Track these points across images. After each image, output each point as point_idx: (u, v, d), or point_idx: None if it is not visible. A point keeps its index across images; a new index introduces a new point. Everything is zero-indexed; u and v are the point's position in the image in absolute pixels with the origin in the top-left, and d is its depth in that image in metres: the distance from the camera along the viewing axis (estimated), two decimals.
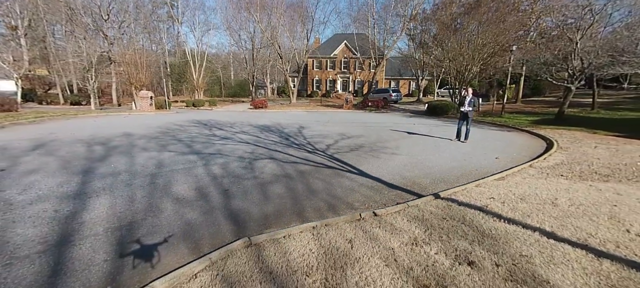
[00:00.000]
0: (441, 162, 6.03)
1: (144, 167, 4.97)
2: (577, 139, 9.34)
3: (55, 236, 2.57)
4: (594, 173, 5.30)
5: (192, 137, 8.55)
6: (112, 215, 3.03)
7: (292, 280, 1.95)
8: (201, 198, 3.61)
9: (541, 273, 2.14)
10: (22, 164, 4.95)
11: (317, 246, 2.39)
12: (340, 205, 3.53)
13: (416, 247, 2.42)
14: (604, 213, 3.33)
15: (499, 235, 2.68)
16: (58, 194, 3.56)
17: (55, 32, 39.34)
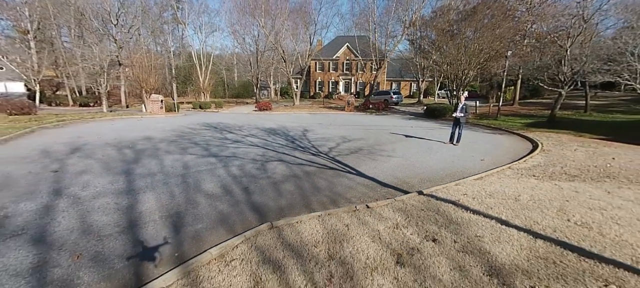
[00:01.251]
0: (431, 164, 6.81)
1: (173, 168, 5.81)
2: (562, 142, 10.05)
3: (124, 222, 3.41)
4: (564, 174, 6.06)
5: (207, 140, 9.40)
6: (161, 207, 3.86)
7: (304, 249, 2.76)
8: (227, 194, 4.43)
9: (487, 248, 2.92)
10: (70, 166, 5.81)
11: (322, 228, 3.20)
12: (340, 199, 4.34)
13: (397, 230, 3.22)
14: (555, 206, 4.10)
15: (462, 222, 3.47)
16: (112, 191, 4.40)
17: (62, 35, 40.46)
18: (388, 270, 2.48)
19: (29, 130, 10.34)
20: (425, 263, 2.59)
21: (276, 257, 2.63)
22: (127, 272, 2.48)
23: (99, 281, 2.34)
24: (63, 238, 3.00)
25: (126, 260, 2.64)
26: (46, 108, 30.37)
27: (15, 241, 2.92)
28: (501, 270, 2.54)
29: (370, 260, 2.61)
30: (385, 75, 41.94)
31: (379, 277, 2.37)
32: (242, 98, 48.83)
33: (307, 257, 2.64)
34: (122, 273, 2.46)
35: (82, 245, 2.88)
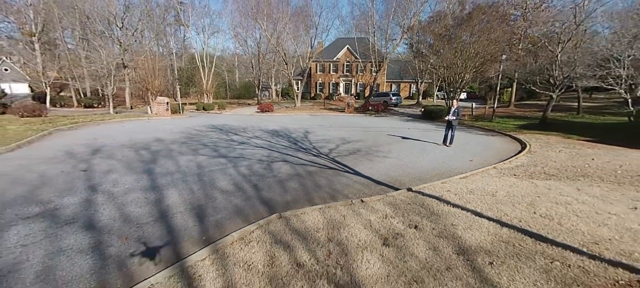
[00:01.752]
0: (423, 164, 7.42)
1: (188, 168, 6.43)
2: (549, 144, 10.64)
3: (156, 213, 4.03)
4: (543, 173, 6.65)
5: (214, 142, 10.03)
6: (184, 201, 4.48)
7: (308, 234, 3.37)
8: (239, 191, 5.05)
9: (459, 233, 3.52)
10: (95, 166, 6.44)
11: (322, 218, 3.81)
12: (338, 195, 4.95)
13: (385, 219, 3.83)
14: (526, 201, 4.70)
15: (442, 213, 4.07)
16: (139, 187, 5.02)
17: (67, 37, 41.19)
18: (375, 249, 3.09)
19: (47, 133, 10.98)
20: (406, 245, 3.20)
21: (285, 239, 3.24)
22: (166, 250, 3.10)
23: (141, 265, 2.96)
24: (109, 225, 3.62)
25: (164, 242, 3.26)
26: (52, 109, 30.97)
27: (71, 227, 3.54)
28: (468, 250, 3.15)
29: (361, 242, 3.22)
30: (385, 77, 42.54)
31: (368, 254, 2.98)
32: (244, 99, 49.51)
33: (310, 239, 3.26)
34: (163, 252, 3.07)
35: (126, 230, 3.50)
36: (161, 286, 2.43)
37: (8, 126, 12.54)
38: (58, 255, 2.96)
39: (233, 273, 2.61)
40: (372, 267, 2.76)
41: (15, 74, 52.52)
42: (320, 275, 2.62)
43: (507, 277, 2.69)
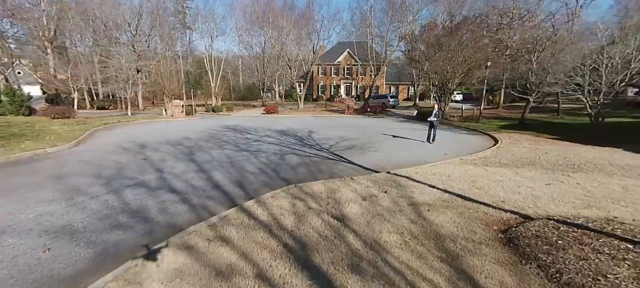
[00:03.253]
0: (405, 156, 9.25)
1: (220, 158, 8.32)
2: (518, 141, 12.43)
3: (211, 185, 5.90)
4: (497, 163, 8.45)
5: (233, 139, 11.93)
6: (227, 178, 6.36)
7: (314, 194, 5.23)
8: (263, 173, 6.92)
9: (414, 196, 5.36)
10: (150, 156, 8.34)
11: (324, 187, 5.67)
12: (335, 176, 6.80)
13: (366, 188, 5.68)
14: (470, 180, 6.52)
15: (406, 185, 5.91)
16: (192, 170, 6.91)
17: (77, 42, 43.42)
18: (357, 202, 4.94)
19: (89, 133, 12.91)
20: (377, 200, 5.05)
21: (300, 196, 5.10)
22: (228, 201, 4.97)
23: (215, 205, 4.82)
24: (185, 190, 5.51)
25: (225, 198, 5.13)
26: None
27: (161, 191, 5.44)
28: (416, 204, 4.99)
29: (348, 198, 5.08)
30: (384, 79, 44.36)
31: (352, 204, 4.83)
32: (248, 100, 51.51)
33: (316, 197, 5.12)
34: (226, 203, 4.94)
35: (198, 192, 5.39)
36: (232, 215, 4.29)
37: (52, 127, 14.49)
38: (164, 203, 4.84)
39: (271, 210, 4.48)
40: (354, 209, 4.62)
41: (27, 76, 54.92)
42: (323, 212, 4.48)
43: (435, 215, 4.53)
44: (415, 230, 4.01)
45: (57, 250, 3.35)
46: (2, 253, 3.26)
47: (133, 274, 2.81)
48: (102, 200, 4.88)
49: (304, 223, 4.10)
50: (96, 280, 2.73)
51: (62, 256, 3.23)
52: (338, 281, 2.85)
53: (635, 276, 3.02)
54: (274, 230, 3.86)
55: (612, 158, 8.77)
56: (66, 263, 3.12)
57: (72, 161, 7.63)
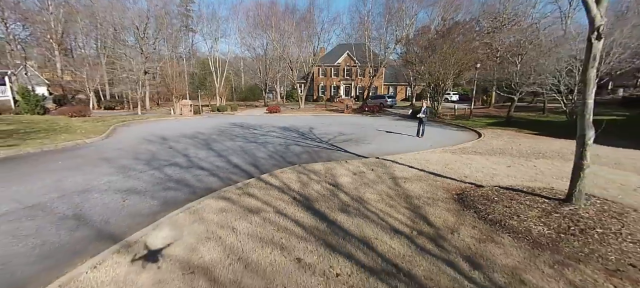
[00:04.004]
0: (394, 147, 10.57)
1: (234, 148, 9.66)
2: (499, 135, 13.74)
3: (231, 166, 7.24)
4: (473, 152, 9.77)
5: (242, 134, 13.27)
6: (243, 161, 7.70)
7: (315, 171, 6.57)
8: (272, 158, 8.26)
9: (395, 173, 6.69)
10: (174, 146, 9.69)
11: (323, 167, 7.01)
12: (332, 160, 8.14)
13: (357, 167, 7.02)
14: (445, 163, 7.84)
15: (390, 166, 7.24)
16: (212, 155, 8.25)
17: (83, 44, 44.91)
18: (348, 175, 6.28)
19: (112, 129, 14.26)
20: (365, 175, 6.38)
21: (304, 172, 6.44)
22: (246, 175, 6.31)
23: (238, 177, 6.15)
24: (211, 169, 6.85)
25: (244, 173, 6.47)
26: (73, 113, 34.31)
27: (193, 169, 6.80)
28: (396, 178, 6.32)
29: (342, 174, 6.41)
30: (382, 80, 45.71)
31: (344, 176, 6.17)
32: (250, 101, 52.90)
33: (316, 172, 6.45)
34: (246, 176, 6.28)
35: (221, 170, 6.73)
36: (253, 182, 5.62)
37: (74, 124, 15.86)
38: (198, 176, 6.19)
39: (282, 179, 5.82)
40: (345, 180, 5.96)
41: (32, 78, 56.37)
42: (321, 181, 5.81)
43: (408, 185, 5.86)
44: (391, 192, 5.34)
45: (132, 200, 4.69)
46: (96, 201, 4.60)
47: (193, 211, 4.15)
48: (149, 174, 6.24)
49: (307, 187, 5.44)
50: (168, 213, 4.08)
51: (137, 203, 4.57)
52: (332, 216, 4.18)
53: (539, 215, 4.35)
54: (285, 190, 5.20)
55: None
56: (142, 207, 4.46)
57: (110, 149, 8.99)
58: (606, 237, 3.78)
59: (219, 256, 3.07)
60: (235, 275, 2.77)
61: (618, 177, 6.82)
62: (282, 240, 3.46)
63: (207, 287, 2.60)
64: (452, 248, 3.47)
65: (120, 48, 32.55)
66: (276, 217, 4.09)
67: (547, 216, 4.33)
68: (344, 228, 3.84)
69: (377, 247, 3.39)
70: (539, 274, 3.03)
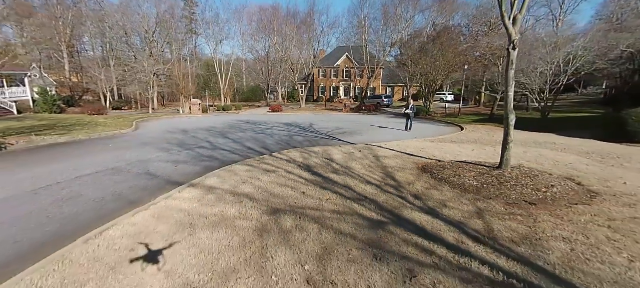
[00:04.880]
0: (383, 138, 12.28)
1: (246, 137, 11.40)
2: (479, 129, 15.44)
3: (246, 149, 8.98)
4: (449, 141, 11.48)
5: (251, 128, 15.02)
6: (256, 145, 9.44)
7: (315, 152, 8.31)
8: (279, 144, 10.00)
9: (378, 153, 8.42)
10: (196, 136, 11.43)
11: (321, 150, 8.75)
12: (330, 146, 9.87)
13: (348, 149, 8.77)
14: (421, 148, 9.57)
15: (375, 149, 8.98)
16: (230, 141, 9.99)
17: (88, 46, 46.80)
18: (340, 154, 8.02)
19: (136, 124, 16.02)
20: (353, 154, 8.12)
21: (305, 152, 8.18)
22: (260, 155, 8.04)
23: (254, 155, 7.89)
24: (232, 150, 8.60)
25: (258, 153, 8.22)
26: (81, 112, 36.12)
27: (218, 150, 8.53)
28: (377, 156, 8.05)
29: (335, 153, 8.15)
30: (380, 81, 47.45)
31: (337, 154, 7.91)
32: (252, 101, 54.74)
33: (315, 152, 8.19)
34: (259, 155, 8.01)
35: (240, 151, 8.48)
36: (266, 157, 7.35)
37: (99, 120, 17.63)
38: (223, 154, 7.94)
39: (289, 156, 7.55)
40: (338, 157, 7.69)
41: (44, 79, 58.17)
42: (319, 157, 7.55)
43: (386, 161, 7.59)
44: (371, 164, 7.08)
45: (181, 166, 6.44)
46: (156, 167, 6.35)
47: (228, 170, 5.89)
48: (185, 153, 7.99)
49: (308, 160, 7.18)
50: (211, 172, 5.81)
51: (185, 168, 6.32)
52: (325, 175, 5.92)
53: (474, 176, 6.06)
54: (291, 162, 6.94)
55: (539, 139, 11.85)
56: (189, 170, 6.21)
57: (144, 137, 10.77)
58: (515, 187, 5.49)
59: (252, 190, 4.82)
60: (264, 197, 4.51)
61: (559, 156, 8.56)
62: (292, 184, 5.20)
63: (248, 201, 4.33)
64: (407, 192, 5.19)
65: (130, 51, 34.39)
66: (287, 174, 5.83)
67: (480, 176, 6.05)
68: (334, 181, 5.57)
69: (355, 188, 5.13)
70: (459, 203, 4.74)
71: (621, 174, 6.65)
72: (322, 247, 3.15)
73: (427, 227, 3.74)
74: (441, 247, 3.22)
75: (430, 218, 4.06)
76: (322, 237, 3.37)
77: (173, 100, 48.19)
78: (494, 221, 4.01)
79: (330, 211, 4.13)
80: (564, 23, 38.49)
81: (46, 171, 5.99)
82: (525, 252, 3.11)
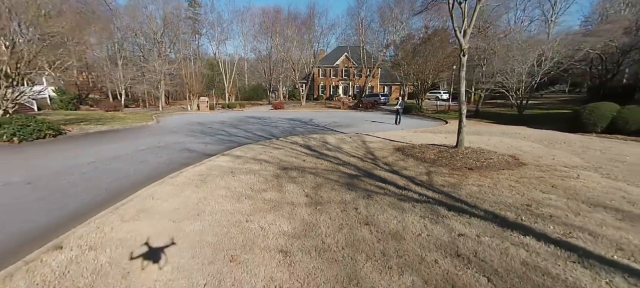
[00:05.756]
0: (373, 129, 14.14)
1: (255, 128, 13.27)
2: None
3: (257, 136, 10.87)
4: (430, 132, 13.33)
5: (257, 122, 16.90)
6: (263, 134, 11.33)
7: (313, 138, 10.19)
8: (283, 133, 11.88)
9: (366, 139, 10.30)
10: (212, 126, 13.31)
11: (318, 136, 10.63)
12: (326, 134, 11.74)
13: (340, 136, 10.64)
14: (402, 136, 11.44)
15: (363, 137, 10.86)
16: (242, 131, 11.87)
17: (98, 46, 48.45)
18: (334, 139, 9.90)
19: (156, 118, 17.88)
20: (345, 139, 10.00)
21: (305, 138, 10.05)
22: (267, 139, 9.92)
23: (264, 140, 9.76)
24: (246, 136, 10.47)
25: (267, 139, 10.10)
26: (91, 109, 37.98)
27: (234, 136, 10.40)
28: (364, 141, 9.93)
29: (330, 139, 10.03)
30: (378, 80, 49.28)
31: (331, 140, 9.79)
32: (254, 100, 56.61)
33: (314, 138, 10.07)
34: (267, 139, 9.89)
35: (252, 137, 10.36)
36: (274, 140, 9.23)
37: (119, 115, 19.50)
38: (239, 138, 9.81)
39: (293, 140, 9.43)
40: (332, 141, 9.58)
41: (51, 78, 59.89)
42: (317, 141, 9.42)
43: (371, 144, 9.46)
44: (358, 146, 8.95)
45: (209, 146, 8.32)
46: (191, 146, 8.23)
47: (247, 147, 7.77)
48: (208, 137, 9.87)
49: (307, 142, 9.06)
50: (234, 148, 7.69)
51: (213, 147, 8.21)
52: (321, 151, 7.79)
53: (435, 152, 7.93)
54: (294, 143, 8.82)
55: (509, 130, 13.68)
56: (216, 148, 8.10)
57: (169, 127, 12.67)
58: (462, 159, 7.35)
59: (267, 157, 6.72)
60: (275, 161, 6.39)
61: (515, 142, 10.38)
62: (295, 155, 7.08)
63: (265, 163, 6.22)
64: (380, 161, 7.07)
65: (138, 51, 36.24)
66: (291, 150, 7.71)
67: (439, 153, 7.92)
68: (327, 155, 7.45)
69: (342, 159, 7.01)
70: (416, 168, 6.61)
71: (555, 153, 8.45)
72: (315, 183, 5.03)
73: (387, 178, 5.61)
74: (393, 187, 5.09)
75: (391, 174, 5.93)
76: (315, 180, 5.25)
77: (177, 99, 50.07)
78: (436, 177, 5.87)
79: (322, 169, 6.01)
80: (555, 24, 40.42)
81: (110, 147, 7.90)
82: (447, 190, 4.96)
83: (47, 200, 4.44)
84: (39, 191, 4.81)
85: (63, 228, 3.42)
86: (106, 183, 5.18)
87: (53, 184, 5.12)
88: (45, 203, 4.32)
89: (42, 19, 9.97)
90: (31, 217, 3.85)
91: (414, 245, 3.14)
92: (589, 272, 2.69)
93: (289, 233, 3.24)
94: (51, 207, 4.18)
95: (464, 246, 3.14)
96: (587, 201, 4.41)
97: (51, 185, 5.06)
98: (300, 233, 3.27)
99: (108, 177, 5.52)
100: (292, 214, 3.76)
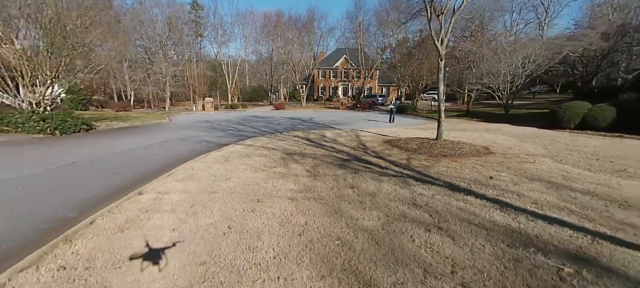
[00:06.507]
0: (367, 126, 15.43)
1: (260, 125, 14.56)
2: (451, 121, 18.53)
3: (262, 131, 12.17)
4: (420, 129, 14.62)
5: (261, 120, 18.19)
6: (268, 129, 12.61)
7: (313, 133, 11.48)
8: (287, 129, 13.16)
9: (359, 135, 11.58)
10: (221, 123, 14.60)
11: (318, 132, 11.92)
12: (324, 130, 13.03)
13: (338, 132, 11.94)
14: (392, 132, 12.74)
15: (357, 132, 12.15)
16: (249, 127, 13.16)
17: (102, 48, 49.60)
18: (331, 134, 11.19)
19: (167, 118, 19.15)
20: (340, 134, 11.29)
21: (307, 132, 11.34)
22: (272, 134, 11.21)
23: (269, 134, 11.05)
24: (253, 131, 11.76)
25: (271, 133, 11.39)
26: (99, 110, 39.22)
27: (242, 131, 11.69)
28: (358, 136, 11.22)
29: (327, 134, 11.32)
30: (376, 81, 50.60)
31: (329, 134, 11.09)
32: (255, 101, 57.95)
33: (314, 132, 11.35)
34: (272, 133, 11.17)
35: (258, 132, 11.65)
36: (278, 134, 10.51)
37: (132, 115, 20.77)
38: (247, 133, 11.10)
39: (295, 134, 10.71)
40: (329, 135, 10.87)
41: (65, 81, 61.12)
42: (316, 134, 10.71)
43: (364, 138, 10.75)
44: (352, 139, 10.24)
45: (223, 139, 9.61)
46: (207, 138, 9.53)
47: (255, 139, 9.06)
48: (221, 132, 11.15)
49: (308, 136, 10.34)
50: (243, 140, 8.98)
51: (226, 139, 9.49)
52: (319, 142, 9.08)
53: (417, 143, 9.22)
54: (296, 137, 10.10)
55: (493, 127, 14.95)
56: (228, 140, 9.40)
57: (183, 124, 13.97)
58: (440, 149, 8.62)
59: (274, 146, 8.01)
60: (281, 149, 7.68)
61: (493, 137, 11.62)
62: (297, 145, 8.37)
63: (272, 149, 7.50)
64: (369, 150, 8.36)
65: (144, 53, 37.58)
66: (294, 141, 9.00)
67: (421, 143, 9.20)
68: (324, 145, 8.74)
69: (337, 148, 8.30)
70: (398, 155, 7.89)
71: (524, 146, 9.66)
72: (314, 163, 6.32)
73: (372, 162, 6.90)
74: (376, 167, 6.37)
75: (377, 159, 7.22)
76: (314, 161, 6.54)
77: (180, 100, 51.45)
78: (414, 161, 7.15)
79: (320, 155, 7.30)
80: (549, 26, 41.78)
81: (139, 139, 9.21)
82: (419, 170, 6.23)
83: (110, 171, 5.76)
84: (102, 166, 6.13)
85: (133, 187, 4.72)
86: (149, 162, 6.48)
87: (107, 163, 6.42)
88: (109, 173, 5.64)
89: (80, 30, 11.27)
90: (107, 182, 5.14)
91: (384, 199, 4.42)
92: (503, 214, 3.93)
93: (295, 190, 4.53)
94: (114, 176, 5.48)
95: (420, 199, 4.41)
96: (530, 177, 5.65)
97: (107, 164, 6.36)
98: (302, 190, 4.55)
99: (148, 159, 6.80)
100: (296, 181, 5.05)
